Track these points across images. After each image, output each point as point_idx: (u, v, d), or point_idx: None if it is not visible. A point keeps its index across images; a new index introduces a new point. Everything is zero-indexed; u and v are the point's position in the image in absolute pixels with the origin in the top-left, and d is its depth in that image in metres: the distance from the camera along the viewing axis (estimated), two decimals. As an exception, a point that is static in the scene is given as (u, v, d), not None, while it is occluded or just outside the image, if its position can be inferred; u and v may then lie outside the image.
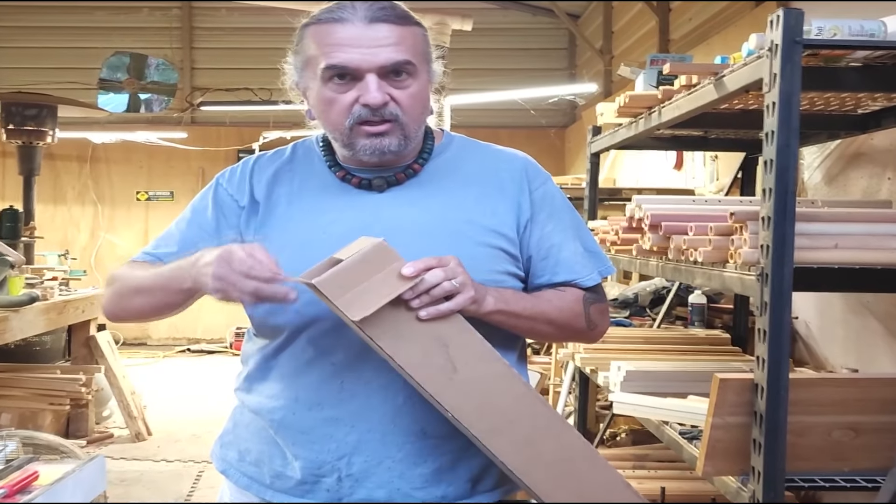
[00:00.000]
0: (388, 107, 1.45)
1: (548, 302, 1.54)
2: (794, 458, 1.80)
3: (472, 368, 1.34)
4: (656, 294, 4.18)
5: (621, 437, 3.83)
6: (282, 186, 1.58)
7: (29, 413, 5.10)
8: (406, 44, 1.46)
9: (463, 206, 1.53)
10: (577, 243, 1.60)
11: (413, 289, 1.30)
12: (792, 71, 1.70)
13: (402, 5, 1.50)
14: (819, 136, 2.97)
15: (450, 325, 1.33)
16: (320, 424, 1.47)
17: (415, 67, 1.46)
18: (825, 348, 3.42)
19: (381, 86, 1.44)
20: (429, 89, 1.53)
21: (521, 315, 1.49)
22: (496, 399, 1.35)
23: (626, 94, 2.77)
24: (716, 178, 4.91)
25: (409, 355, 1.31)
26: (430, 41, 1.53)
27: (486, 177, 1.58)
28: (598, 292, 1.63)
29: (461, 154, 1.62)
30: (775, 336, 1.75)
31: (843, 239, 1.88)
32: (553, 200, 1.61)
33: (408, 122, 1.48)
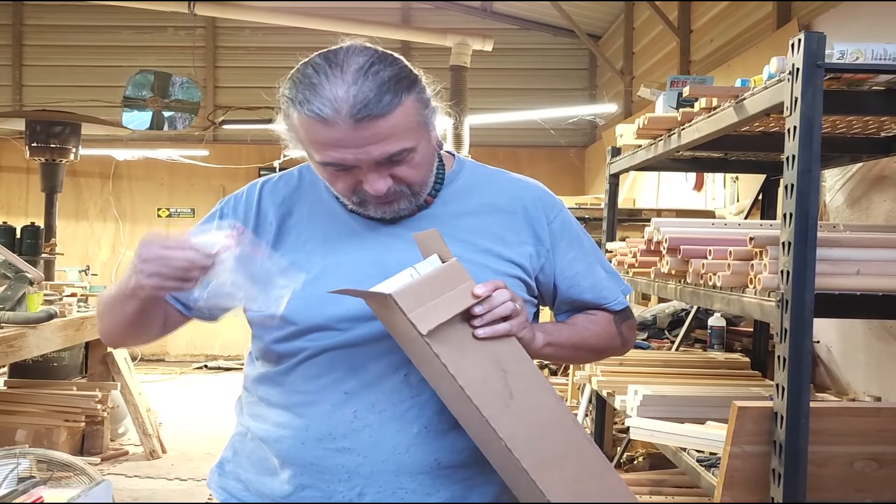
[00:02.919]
0: (392, 186, 1.40)
1: (585, 329, 1.56)
2: (814, 489, 1.77)
3: (527, 397, 1.33)
4: (675, 316, 4.14)
5: (638, 462, 3.79)
6: (292, 214, 1.54)
7: (44, 430, 5.11)
8: (398, 131, 1.35)
9: (478, 237, 1.50)
10: (599, 267, 1.61)
11: (482, 304, 1.31)
12: (813, 95, 1.68)
13: (385, 70, 1.36)
14: (841, 158, 2.94)
15: (508, 350, 1.34)
16: (331, 455, 1.43)
17: (409, 148, 1.38)
18: (847, 374, 3.37)
19: (382, 173, 1.38)
20: (433, 142, 1.46)
21: (566, 345, 1.50)
22: (548, 432, 1.34)
23: (645, 116, 2.75)
24: (736, 200, 4.87)
25: (471, 375, 1.30)
26: (423, 97, 1.41)
27: (501, 206, 1.55)
28: (627, 310, 1.64)
29: (473, 181, 1.58)
30: (795, 364, 1.71)
31: (865, 265, 1.85)
32: (571, 228, 1.60)
33: (415, 188, 1.44)
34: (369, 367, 1.42)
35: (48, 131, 6.55)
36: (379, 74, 1.33)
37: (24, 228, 6.98)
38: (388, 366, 1.42)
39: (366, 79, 1.32)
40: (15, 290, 4.73)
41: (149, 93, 9.35)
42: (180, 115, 9.51)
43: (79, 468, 2.97)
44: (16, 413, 5.20)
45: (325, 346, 1.43)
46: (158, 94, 9.34)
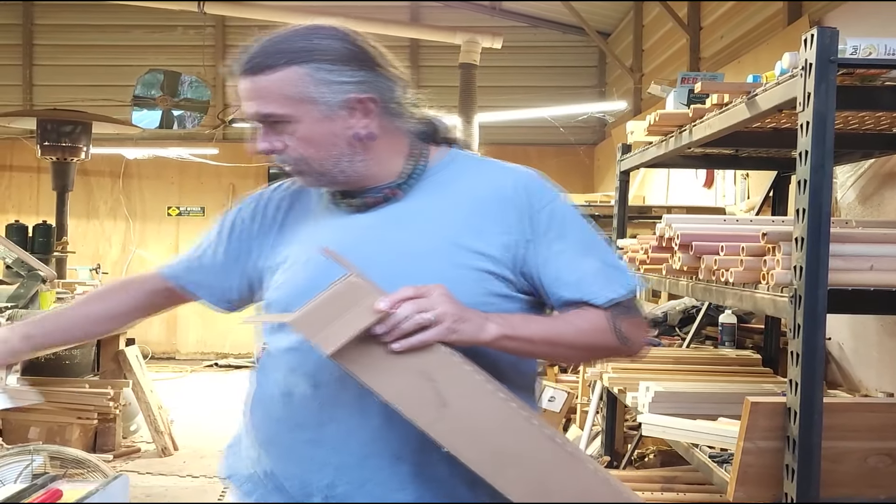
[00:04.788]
0: (279, 154, 1.46)
1: (567, 323, 1.46)
2: (828, 485, 1.76)
3: (465, 402, 1.29)
4: (686, 313, 4.13)
5: (649, 458, 3.78)
6: (289, 213, 1.61)
7: (57, 427, 5.14)
8: (270, 94, 1.42)
9: (449, 227, 1.47)
10: (593, 260, 1.50)
11: (385, 322, 1.26)
12: (826, 90, 1.68)
13: (289, 41, 1.45)
14: (853, 154, 2.93)
15: (433, 359, 1.29)
16: (302, 446, 1.47)
17: (281, 115, 1.42)
18: (859, 371, 3.36)
19: (269, 134, 1.45)
20: (330, 124, 1.44)
21: (534, 340, 1.42)
22: (495, 434, 1.29)
23: (656, 112, 2.75)
24: (747, 197, 4.86)
25: (393, 390, 1.28)
26: (327, 78, 1.42)
27: (479, 196, 1.50)
28: (627, 306, 1.51)
29: (458, 173, 1.55)
30: (808, 359, 1.71)
31: (879, 260, 1.84)
32: (562, 219, 1.51)
33: (308, 161, 1.46)
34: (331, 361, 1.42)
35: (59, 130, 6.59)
36: (280, 41, 1.43)
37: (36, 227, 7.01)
38: None
39: (268, 42, 1.44)
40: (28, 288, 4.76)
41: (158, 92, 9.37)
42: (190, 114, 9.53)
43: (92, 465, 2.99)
44: (29, 410, 5.21)
45: (294, 338, 1.44)
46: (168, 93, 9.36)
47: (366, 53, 1.48)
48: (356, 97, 1.44)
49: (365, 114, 1.46)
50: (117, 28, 9.86)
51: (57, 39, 10.03)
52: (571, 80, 9.83)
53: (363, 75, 1.45)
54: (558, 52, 9.82)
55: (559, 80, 9.77)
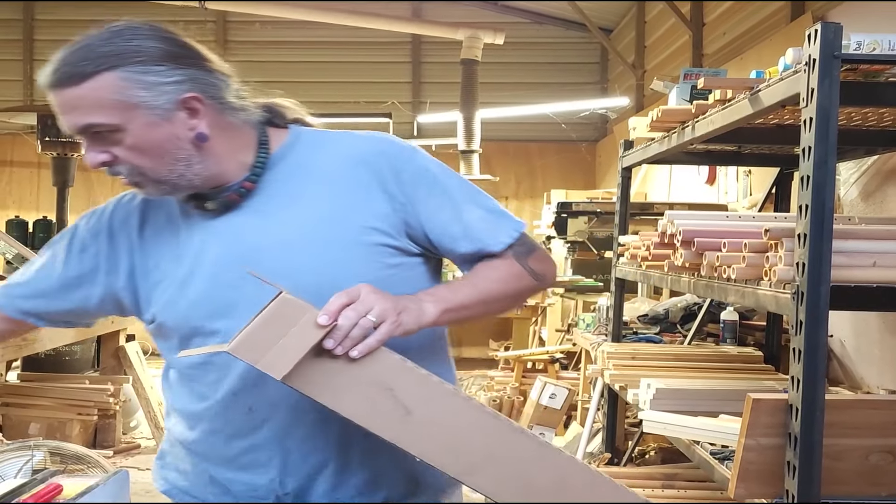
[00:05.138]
0: (113, 167, 1.38)
1: (487, 279, 1.45)
2: (829, 482, 1.75)
3: (428, 407, 1.26)
4: (687, 310, 4.12)
5: (650, 456, 3.78)
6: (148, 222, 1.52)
7: (57, 423, 5.14)
8: (85, 105, 1.32)
9: (324, 209, 1.43)
10: (473, 208, 1.49)
11: (332, 335, 1.23)
12: (830, 86, 1.67)
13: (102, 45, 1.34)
14: (856, 151, 2.92)
15: (387, 367, 1.26)
16: (242, 453, 1.45)
17: (105, 125, 1.33)
18: (861, 368, 3.36)
19: (96, 146, 1.36)
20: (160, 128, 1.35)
21: (469, 305, 1.41)
22: (464, 435, 1.27)
23: (659, 108, 2.74)
24: (749, 194, 4.85)
25: (354, 406, 1.25)
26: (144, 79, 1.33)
27: (341, 171, 1.46)
28: (524, 244, 1.51)
29: (310, 152, 1.50)
30: (811, 356, 1.71)
31: (882, 257, 1.83)
32: (427, 174, 1.48)
33: (143, 171, 1.38)
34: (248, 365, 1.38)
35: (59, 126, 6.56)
36: (91, 46, 1.33)
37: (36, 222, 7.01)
38: None
39: (76, 48, 1.34)
40: (28, 284, 4.74)
41: (160, 87, 9.35)
42: (191, 110, 9.51)
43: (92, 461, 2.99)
44: (29, 406, 5.23)
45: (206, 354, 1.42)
46: (169, 89, 9.33)
47: (182, 50, 1.39)
48: (180, 98, 1.35)
49: (192, 114, 1.37)
50: (119, 23, 9.85)
51: (57, 35, 10.00)
52: (573, 77, 9.82)
53: (182, 74, 1.36)
54: (560, 48, 9.82)
55: (561, 76, 9.76)
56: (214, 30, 10.04)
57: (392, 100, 9.74)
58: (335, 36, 9.44)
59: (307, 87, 9.78)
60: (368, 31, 8.59)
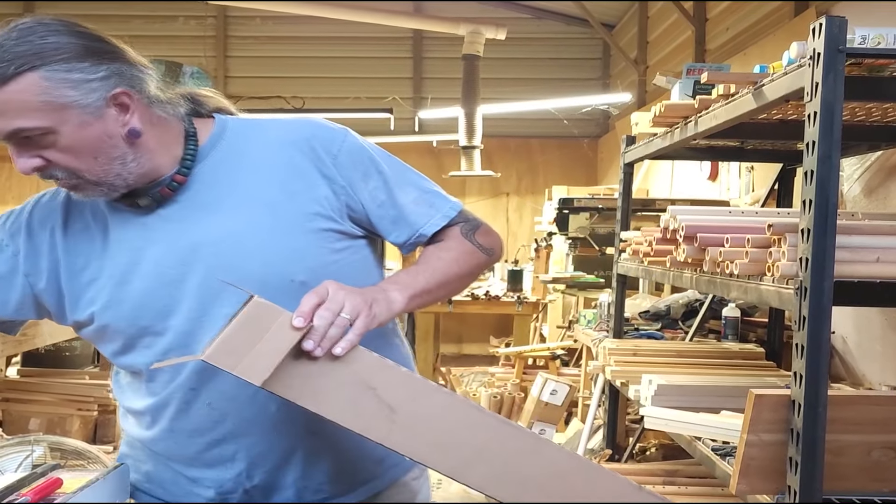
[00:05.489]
0: (47, 170, 1.31)
1: (441, 260, 1.46)
2: (831, 478, 1.75)
3: (413, 405, 1.25)
4: (689, 307, 4.12)
5: (651, 452, 3.77)
6: (67, 225, 1.45)
7: (57, 418, 5.13)
8: (10, 109, 1.25)
9: (263, 198, 1.41)
10: (409, 190, 1.50)
11: (309, 337, 1.21)
12: (835, 80, 1.66)
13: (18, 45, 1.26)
14: (859, 147, 2.91)
15: (367, 366, 1.25)
16: (206, 449, 1.43)
17: (35, 128, 1.26)
18: (863, 364, 3.35)
19: (26, 152, 1.29)
20: (93, 127, 1.30)
21: (431, 289, 1.42)
22: (453, 431, 1.25)
23: (661, 103, 2.73)
24: (751, 190, 4.84)
25: (337, 408, 1.23)
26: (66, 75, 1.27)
27: (275, 158, 1.44)
28: (468, 221, 1.53)
29: (240, 142, 1.46)
30: (813, 352, 1.70)
31: (885, 252, 1.82)
32: (360, 157, 1.48)
33: (79, 173, 1.32)
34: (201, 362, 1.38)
35: None
36: (9, 46, 1.25)
37: (37, 217, 6.95)
38: None
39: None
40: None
41: (160, 82, 9.33)
42: (192, 105, 9.49)
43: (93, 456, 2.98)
44: (29, 402, 5.23)
45: (158, 350, 1.40)
46: (170, 84, 9.32)
47: (101, 45, 1.33)
48: (109, 94, 1.30)
49: (122, 110, 1.33)
50: (117, 18, 9.82)
51: (58, 29, 10.01)
52: (575, 72, 9.81)
53: (107, 69, 1.31)
54: (562, 43, 9.80)
55: (563, 72, 9.75)
56: (215, 25, 10.02)
57: (393, 95, 9.73)
58: (336, 31, 9.43)
59: (308, 82, 9.77)
60: (369, 27, 8.57)
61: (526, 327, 6.95)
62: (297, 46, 9.90)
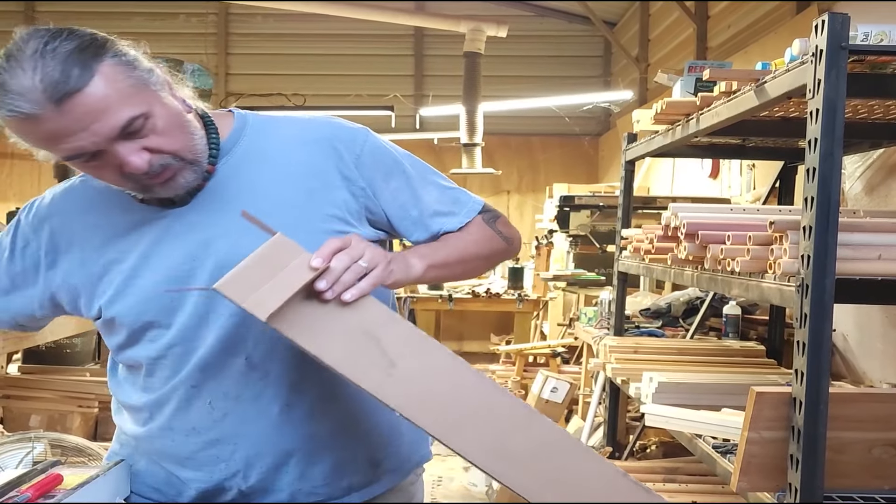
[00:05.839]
0: (155, 161, 1.29)
1: (461, 240, 1.47)
2: (832, 475, 1.75)
3: (412, 361, 1.23)
4: (690, 304, 4.12)
5: (651, 450, 3.77)
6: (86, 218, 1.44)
7: (58, 415, 5.13)
8: (111, 101, 1.23)
9: (282, 196, 1.40)
10: (430, 189, 1.50)
11: (324, 278, 1.21)
12: (837, 77, 1.66)
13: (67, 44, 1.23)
14: (861, 144, 2.91)
15: (375, 317, 1.24)
16: (203, 448, 1.42)
17: (139, 114, 1.26)
18: (863, 362, 3.35)
19: (133, 147, 1.26)
20: (170, 101, 1.32)
21: (449, 263, 1.43)
22: (446, 392, 1.24)
23: (663, 100, 2.73)
24: (752, 188, 4.84)
25: (337, 353, 1.21)
26: (125, 59, 1.27)
27: (296, 157, 1.43)
28: (489, 211, 1.55)
29: (260, 139, 1.46)
30: (815, 349, 1.70)
31: (887, 250, 1.82)
32: (382, 157, 1.48)
33: (181, 154, 1.32)
34: (207, 357, 1.38)
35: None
36: (57, 51, 1.21)
37: (38, 214, 6.94)
38: (224, 352, 1.38)
39: (45, 60, 1.19)
40: (29, 275, 4.74)
41: (161, 79, 9.33)
42: (193, 103, 9.49)
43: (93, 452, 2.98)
44: (30, 399, 5.22)
45: (162, 345, 1.40)
46: (171, 81, 9.31)
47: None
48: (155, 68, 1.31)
49: (171, 80, 1.34)
50: (119, 15, 9.82)
51: (59, 26, 10.00)
52: (576, 70, 9.81)
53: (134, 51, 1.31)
54: (563, 41, 9.80)
55: (564, 69, 9.75)
56: (216, 22, 10.02)
57: (394, 93, 9.73)
58: (337, 28, 9.42)
59: (309, 79, 9.76)
60: (371, 24, 8.57)
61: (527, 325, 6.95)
62: (299, 44, 9.90)
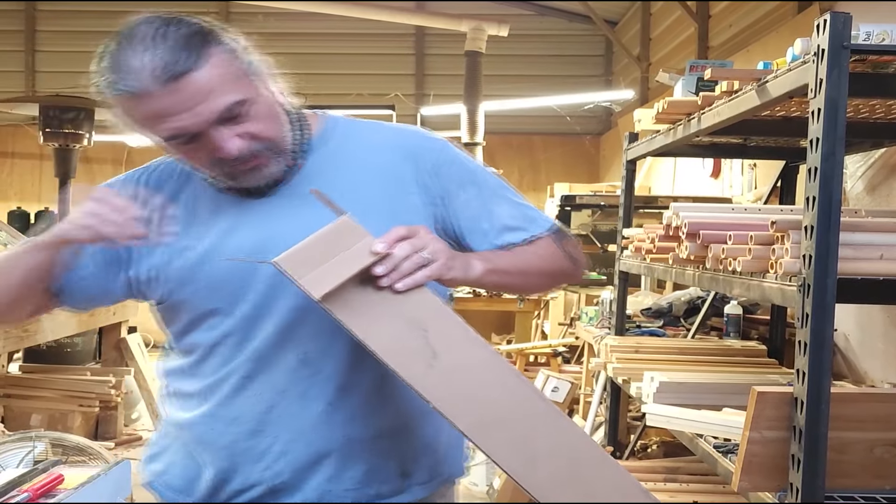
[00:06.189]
0: (249, 147, 1.33)
1: (526, 252, 1.46)
2: (833, 475, 1.75)
3: (455, 355, 1.23)
4: (691, 304, 4.12)
5: (652, 449, 3.77)
6: (174, 200, 1.45)
7: (59, 414, 5.13)
8: (217, 84, 1.29)
9: (359, 198, 1.40)
10: (503, 205, 1.50)
11: (383, 263, 1.22)
12: (839, 76, 1.65)
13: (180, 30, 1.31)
14: (863, 144, 2.91)
15: (427, 308, 1.24)
16: (242, 438, 1.42)
17: (242, 100, 1.32)
18: (865, 362, 3.34)
19: (229, 132, 1.31)
20: (268, 92, 1.38)
21: (510, 271, 1.42)
22: (484, 390, 1.23)
23: (665, 100, 2.72)
24: (754, 187, 4.84)
25: (383, 338, 1.21)
26: (232, 49, 1.34)
27: (381, 162, 1.46)
28: (559, 231, 1.54)
29: (347, 142, 1.50)
30: (816, 349, 1.69)
31: (888, 250, 1.82)
32: (460, 168, 1.50)
33: (274, 143, 1.37)
34: (262, 349, 1.39)
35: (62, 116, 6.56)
36: (169, 36, 1.29)
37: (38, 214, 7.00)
38: (279, 345, 1.39)
39: (160, 42, 1.28)
40: (30, 275, 4.74)
41: (162, 79, 9.32)
42: (194, 102, 9.49)
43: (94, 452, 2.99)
44: (31, 398, 5.23)
45: (220, 333, 1.41)
46: (172, 80, 9.31)
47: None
48: (257, 60, 1.38)
49: (271, 74, 1.40)
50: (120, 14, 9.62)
51: (59, 25, 10.00)
52: (578, 69, 9.80)
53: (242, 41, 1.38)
54: (565, 40, 9.79)
55: (565, 68, 9.74)
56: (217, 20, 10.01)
57: (395, 92, 9.72)
58: (338, 27, 9.41)
59: (310, 78, 9.74)
60: (372, 23, 8.57)
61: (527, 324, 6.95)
62: (300, 43, 9.88)
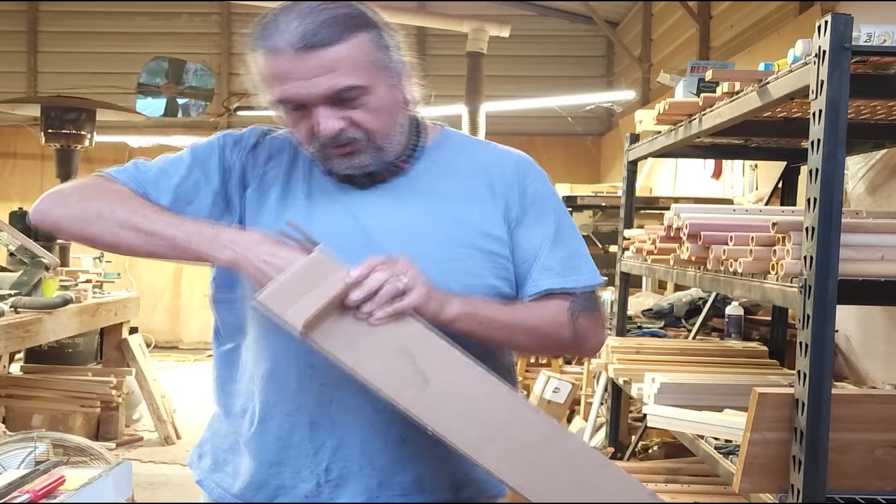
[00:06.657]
0: (347, 132, 1.36)
1: (526, 309, 1.44)
2: (834, 476, 1.74)
3: (445, 377, 1.25)
4: (692, 305, 4.12)
5: (653, 450, 3.77)
6: (275, 172, 1.49)
7: (60, 415, 5.14)
8: (344, 66, 1.33)
9: (454, 207, 1.44)
10: (561, 249, 1.49)
11: (360, 289, 1.23)
12: (840, 77, 1.65)
13: (339, 9, 1.35)
14: (864, 145, 2.90)
15: (411, 333, 1.25)
16: (298, 429, 1.42)
17: (360, 87, 1.34)
18: (866, 363, 3.34)
19: (333, 112, 1.35)
20: (394, 91, 1.41)
21: (492, 322, 1.38)
22: (478, 408, 1.25)
23: (666, 101, 2.72)
24: (755, 188, 4.84)
25: (372, 368, 1.23)
26: (382, 38, 1.39)
27: (476, 175, 1.49)
28: (589, 300, 1.49)
29: (455, 154, 1.53)
30: (817, 350, 1.69)
31: (890, 251, 1.82)
32: (543, 201, 1.51)
33: (374, 136, 1.39)
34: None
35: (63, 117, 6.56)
36: (329, 10, 1.34)
37: (40, 214, 6.95)
38: None
39: (314, 14, 1.33)
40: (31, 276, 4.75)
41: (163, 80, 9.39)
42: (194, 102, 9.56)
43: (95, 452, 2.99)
44: (32, 398, 5.23)
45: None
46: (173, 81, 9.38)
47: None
48: (405, 61, 1.42)
49: (409, 78, 1.44)
50: (122, 15, 9.84)
51: (61, 26, 10.00)
52: (579, 70, 9.80)
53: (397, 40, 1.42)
54: (566, 41, 9.79)
55: (567, 69, 9.74)
56: (219, 22, 10.02)
57: (396, 93, 9.71)
58: (340, 28, 9.40)
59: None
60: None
61: (528, 325, 6.93)
62: (301, 43, 9.90)
